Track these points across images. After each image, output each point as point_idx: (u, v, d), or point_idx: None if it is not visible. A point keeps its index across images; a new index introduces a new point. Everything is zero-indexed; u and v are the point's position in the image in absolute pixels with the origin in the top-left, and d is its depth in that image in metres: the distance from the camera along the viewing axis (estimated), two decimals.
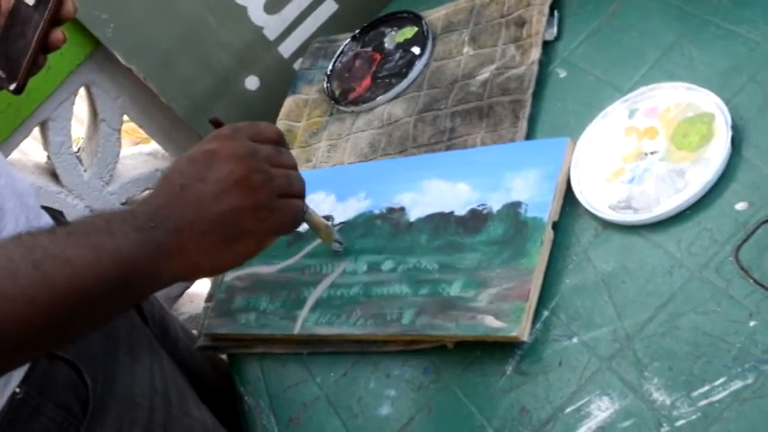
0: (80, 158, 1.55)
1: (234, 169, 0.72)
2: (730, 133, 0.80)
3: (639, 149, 0.86)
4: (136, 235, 0.67)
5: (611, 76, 0.96)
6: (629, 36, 0.98)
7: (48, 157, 1.52)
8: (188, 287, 1.75)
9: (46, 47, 0.86)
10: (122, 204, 1.59)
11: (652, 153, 0.85)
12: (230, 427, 1.05)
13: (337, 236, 0.97)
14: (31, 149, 1.85)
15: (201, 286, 1.76)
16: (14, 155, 1.48)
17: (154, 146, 1.65)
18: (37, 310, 0.62)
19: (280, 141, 0.80)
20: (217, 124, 0.81)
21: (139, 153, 1.68)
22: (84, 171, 1.54)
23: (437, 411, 0.84)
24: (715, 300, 0.73)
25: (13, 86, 0.86)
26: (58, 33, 0.86)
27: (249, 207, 0.73)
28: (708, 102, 0.84)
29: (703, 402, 0.68)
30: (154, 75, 1.40)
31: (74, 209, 1.51)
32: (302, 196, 0.80)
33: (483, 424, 0.80)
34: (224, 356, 1.19)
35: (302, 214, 0.80)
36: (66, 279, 0.63)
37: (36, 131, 1.48)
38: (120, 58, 1.36)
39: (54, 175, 1.53)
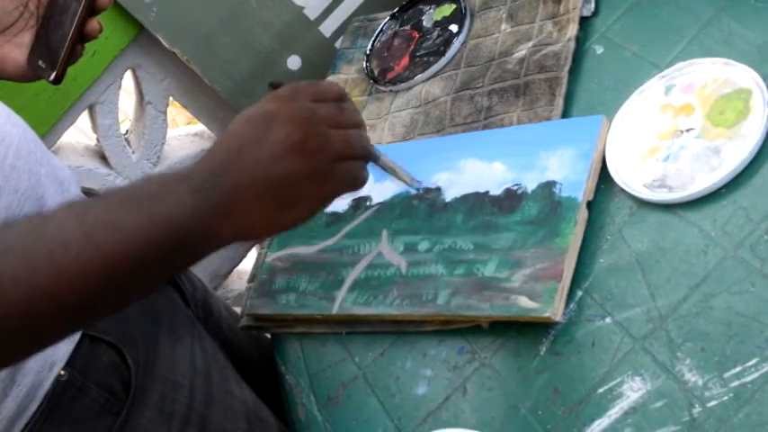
0: (128, 140, 1.57)
1: (291, 133, 0.71)
2: (767, 109, 0.79)
3: (675, 127, 0.85)
4: (190, 197, 0.67)
5: (649, 51, 0.95)
6: (667, 11, 0.97)
7: (97, 139, 1.54)
8: (236, 265, 1.77)
9: (83, 37, 0.88)
10: None
11: (688, 130, 0.84)
12: (273, 406, 1.07)
13: (414, 176, 0.96)
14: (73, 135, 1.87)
15: (251, 263, 1.78)
16: (65, 138, 1.51)
17: (200, 126, 1.67)
18: (90, 277, 0.62)
19: (342, 99, 0.77)
20: (277, 88, 0.79)
21: (186, 134, 1.70)
22: (133, 153, 1.56)
23: (472, 391, 0.85)
24: (749, 279, 0.72)
25: (52, 77, 0.88)
26: (94, 23, 0.88)
27: (305, 173, 0.71)
28: (745, 77, 0.82)
29: (735, 383, 0.68)
30: (196, 57, 1.41)
31: None
32: (364, 157, 0.78)
33: (516, 404, 0.80)
34: (268, 335, 1.21)
35: (363, 176, 0.77)
36: (118, 246, 0.63)
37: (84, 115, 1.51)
38: (163, 41, 1.38)
39: (103, 158, 1.56)
